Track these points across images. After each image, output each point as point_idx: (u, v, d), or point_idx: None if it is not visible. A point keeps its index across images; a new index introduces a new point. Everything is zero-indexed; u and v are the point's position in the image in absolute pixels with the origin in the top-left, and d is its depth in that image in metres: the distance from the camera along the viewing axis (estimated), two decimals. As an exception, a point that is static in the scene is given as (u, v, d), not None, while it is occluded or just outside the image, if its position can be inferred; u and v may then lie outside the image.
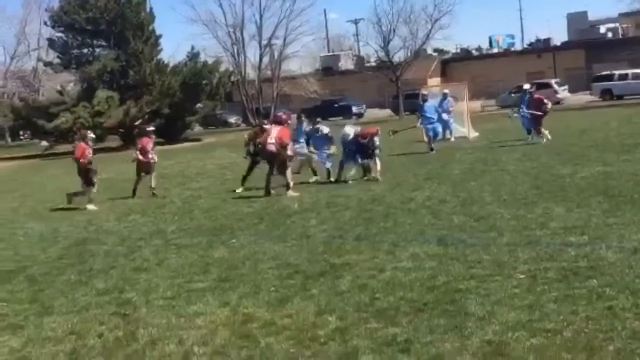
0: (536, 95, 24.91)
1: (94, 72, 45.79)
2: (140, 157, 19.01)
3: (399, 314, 7.33)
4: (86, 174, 17.93)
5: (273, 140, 17.07)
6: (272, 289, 8.68)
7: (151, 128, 21.75)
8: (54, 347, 7.31)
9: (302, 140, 19.34)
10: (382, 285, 8.44)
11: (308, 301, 8.06)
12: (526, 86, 26.74)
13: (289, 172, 17.10)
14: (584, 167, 16.92)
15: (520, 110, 24.99)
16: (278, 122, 18.40)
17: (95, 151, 18.86)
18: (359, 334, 6.87)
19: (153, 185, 19.03)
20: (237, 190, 17.96)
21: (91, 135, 19.00)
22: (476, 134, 29.07)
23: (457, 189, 15.41)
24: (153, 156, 19.30)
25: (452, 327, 6.79)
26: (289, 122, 18.67)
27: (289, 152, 17.23)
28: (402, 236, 11.16)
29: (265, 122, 19.93)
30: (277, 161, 16.96)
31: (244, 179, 18.27)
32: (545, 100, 24.54)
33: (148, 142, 19.43)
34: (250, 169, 18.51)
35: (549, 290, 7.67)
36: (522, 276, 8.28)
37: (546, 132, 23.72)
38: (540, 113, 23.84)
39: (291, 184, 16.93)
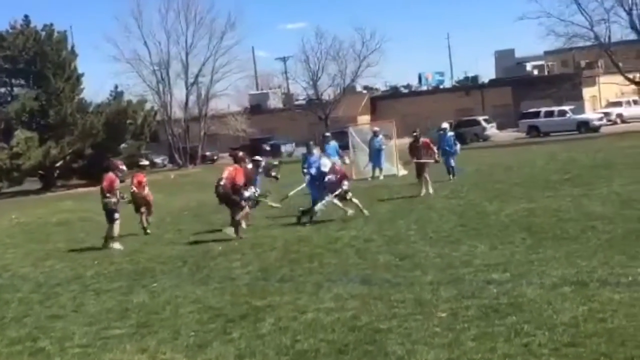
0: (423, 140, 22.39)
1: (13, 112, 44.60)
2: (136, 190, 18.35)
3: (319, 356, 7.22)
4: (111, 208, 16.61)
5: (223, 182, 16.27)
6: (191, 334, 8.48)
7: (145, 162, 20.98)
8: (-41, 402, 6.97)
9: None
10: (304, 327, 8.32)
11: (228, 345, 7.89)
12: (444, 125, 26.51)
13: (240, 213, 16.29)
14: (509, 204, 17.13)
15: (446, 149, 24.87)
16: (235, 160, 17.77)
17: (14, 194, 18.23)
18: (277, 379, 6.73)
19: (149, 222, 18.51)
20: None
21: (123, 167, 17.48)
22: (405, 172, 29.26)
23: (384, 228, 15.43)
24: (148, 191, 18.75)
25: (372, 369, 6.71)
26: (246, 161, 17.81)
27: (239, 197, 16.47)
28: (327, 277, 11.07)
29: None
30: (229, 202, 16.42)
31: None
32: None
33: (143, 177, 18.95)
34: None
35: (469, 328, 7.66)
36: (443, 314, 8.26)
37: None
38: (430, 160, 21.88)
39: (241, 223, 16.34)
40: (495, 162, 30.28)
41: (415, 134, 22.82)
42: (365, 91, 76.33)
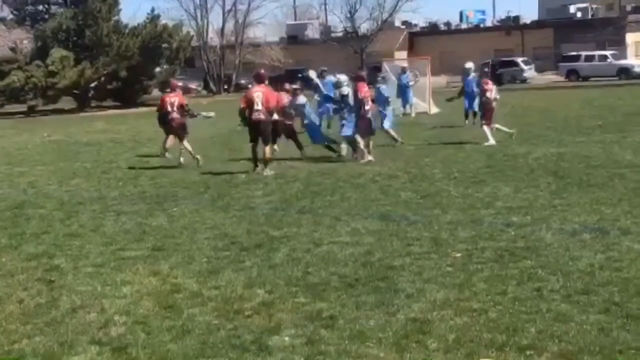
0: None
1: (49, 30, 44.68)
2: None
3: (329, 289, 7.18)
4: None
5: (260, 107, 14.97)
6: (204, 260, 8.49)
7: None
8: (-29, 312, 7.06)
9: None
10: (317, 259, 8.29)
11: (239, 273, 7.88)
12: (467, 65, 24.34)
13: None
14: (538, 147, 16.93)
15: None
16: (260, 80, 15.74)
17: (48, 112, 18.32)
18: (284, 308, 6.71)
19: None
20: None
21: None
22: (437, 109, 28.98)
23: (409, 165, 15.31)
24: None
25: (380, 304, 6.67)
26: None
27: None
28: (346, 210, 11.01)
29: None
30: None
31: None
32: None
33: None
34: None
35: (482, 269, 7.57)
36: (458, 255, 8.18)
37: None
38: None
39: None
40: (530, 105, 29.85)
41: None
42: (403, 26, 75.27)
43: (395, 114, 19.53)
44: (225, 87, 56.30)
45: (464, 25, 78.83)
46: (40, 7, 49.30)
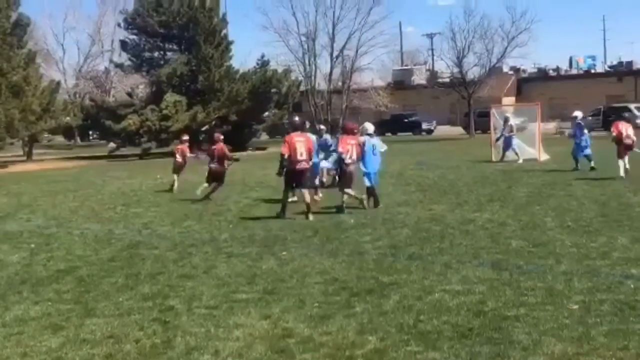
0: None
1: (164, 75, 46.19)
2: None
3: (442, 338, 7.07)
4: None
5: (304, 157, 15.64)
6: (315, 305, 8.50)
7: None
8: (90, 350, 7.26)
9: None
10: (429, 307, 8.18)
11: (350, 319, 7.85)
12: (576, 114, 24.86)
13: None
14: (656, 197, 16.37)
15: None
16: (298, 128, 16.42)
17: (162, 155, 18.97)
18: (397, 357, 6.65)
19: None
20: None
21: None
22: (547, 156, 28.49)
23: (520, 213, 15.03)
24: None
25: (494, 355, 6.52)
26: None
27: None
28: (456, 258, 10.86)
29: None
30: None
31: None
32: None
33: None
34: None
35: (601, 323, 7.32)
36: (575, 307, 7.93)
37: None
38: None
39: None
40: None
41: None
42: (511, 72, 74.56)
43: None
44: (332, 130, 56.68)
45: (573, 71, 77.52)
46: (156, 54, 51.11)
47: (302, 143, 15.67)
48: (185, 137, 25.14)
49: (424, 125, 64.96)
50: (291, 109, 50.75)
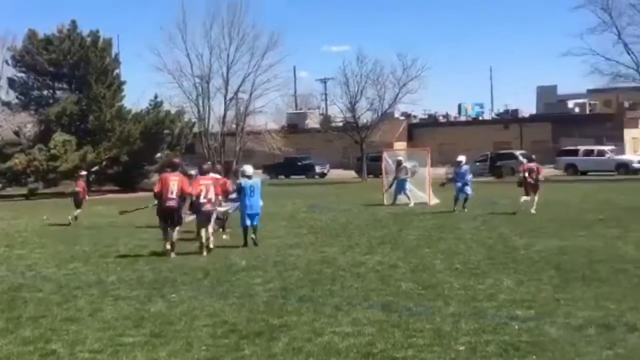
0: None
1: (53, 114, 45.01)
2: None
3: (330, 381, 7.03)
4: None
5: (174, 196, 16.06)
6: (203, 348, 8.34)
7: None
8: (-37, 398, 6.89)
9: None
10: (318, 349, 8.15)
11: (239, 362, 7.73)
12: (460, 158, 26.38)
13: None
14: (540, 240, 16.86)
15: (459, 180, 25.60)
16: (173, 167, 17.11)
17: (50, 195, 18.38)
18: (285, 401, 6.55)
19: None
20: None
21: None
22: (437, 200, 29.03)
23: (410, 255, 15.22)
24: None
25: (383, 399, 6.51)
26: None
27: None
28: (347, 300, 10.88)
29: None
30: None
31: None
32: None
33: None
34: None
35: (487, 364, 7.43)
36: (461, 348, 8.04)
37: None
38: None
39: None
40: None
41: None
42: (403, 117, 76.19)
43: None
44: (225, 173, 56.35)
45: (462, 118, 79.83)
46: (45, 92, 49.81)
47: (175, 182, 16.12)
48: (83, 173, 26.33)
49: (317, 169, 65.41)
50: (184, 151, 50.21)
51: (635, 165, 50.59)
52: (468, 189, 25.47)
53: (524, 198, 23.45)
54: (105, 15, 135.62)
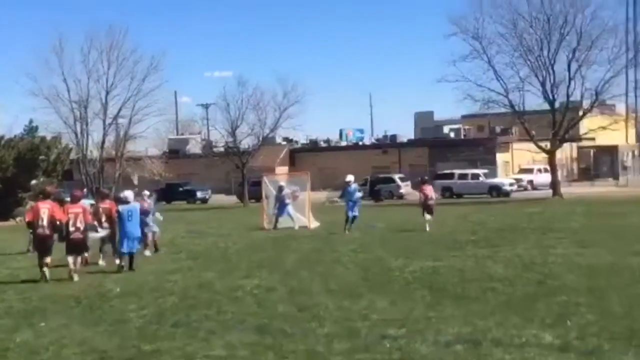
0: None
1: None
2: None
3: (200, 406, 6.95)
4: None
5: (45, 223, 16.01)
6: (70, 377, 8.11)
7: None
8: None
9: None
10: (189, 374, 8.05)
11: (106, 390, 7.56)
12: (349, 178, 27.13)
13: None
14: (414, 261, 17.18)
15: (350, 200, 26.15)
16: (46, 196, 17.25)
17: None
18: None
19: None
20: None
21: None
22: (317, 223, 29.25)
23: (288, 278, 15.26)
24: None
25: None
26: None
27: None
28: (222, 324, 10.83)
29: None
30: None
31: None
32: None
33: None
34: None
35: (357, 382, 7.51)
36: (333, 368, 8.10)
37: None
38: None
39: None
40: (406, 220, 30.48)
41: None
42: (284, 143, 76.54)
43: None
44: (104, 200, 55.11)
45: (343, 143, 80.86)
46: None
47: (46, 210, 16.11)
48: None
49: (199, 194, 64.83)
50: (61, 177, 48.85)
51: (506, 188, 52.46)
52: (356, 210, 26.09)
53: (428, 217, 25.59)
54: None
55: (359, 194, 26.91)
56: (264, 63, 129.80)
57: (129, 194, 18.05)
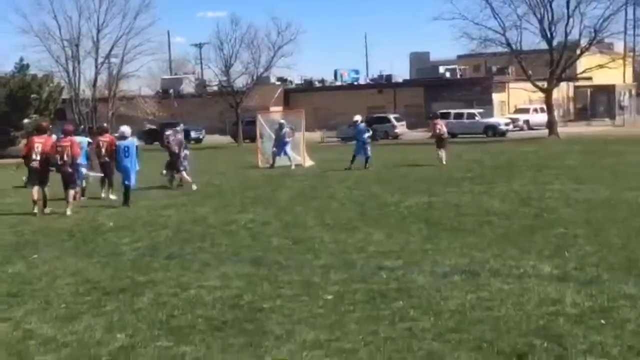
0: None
1: None
2: None
3: (194, 332, 6.85)
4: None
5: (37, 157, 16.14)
6: (63, 305, 8.00)
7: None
8: None
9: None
10: (183, 303, 7.94)
11: (99, 317, 7.46)
12: (357, 117, 27.90)
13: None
14: (410, 197, 17.04)
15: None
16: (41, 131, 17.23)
17: None
18: (145, 353, 6.35)
19: None
20: None
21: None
22: (312, 162, 29.09)
23: (282, 213, 15.13)
24: None
25: (247, 346, 6.40)
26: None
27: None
28: (216, 256, 10.70)
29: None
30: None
31: None
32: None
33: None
34: None
35: (354, 310, 7.42)
36: (329, 297, 8.00)
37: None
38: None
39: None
40: (402, 159, 30.33)
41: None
42: (279, 83, 75.94)
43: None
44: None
45: (338, 83, 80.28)
46: None
47: (40, 144, 16.27)
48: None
49: (193, 134, 64.42)
50: (53, 116, 48.43)
51: (502, 127, 52.15)
52: (368, 149, 26.24)
53: (442, 153, 26.57)
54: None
55: (367, 134, 26.82)
56: (258, 4, 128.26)
57: (125, 129, 18.01)
